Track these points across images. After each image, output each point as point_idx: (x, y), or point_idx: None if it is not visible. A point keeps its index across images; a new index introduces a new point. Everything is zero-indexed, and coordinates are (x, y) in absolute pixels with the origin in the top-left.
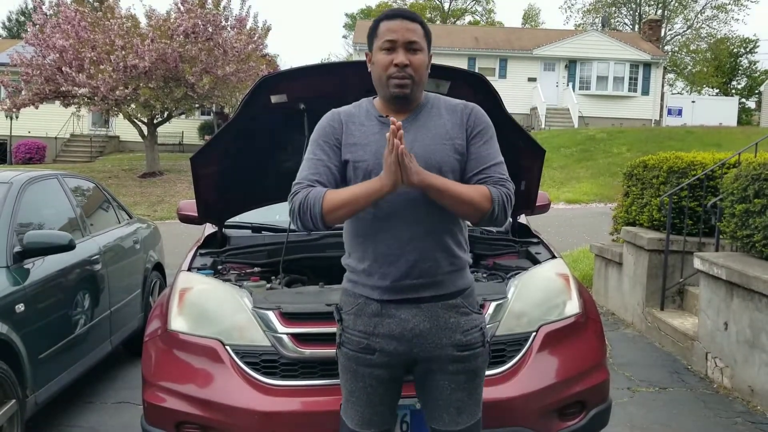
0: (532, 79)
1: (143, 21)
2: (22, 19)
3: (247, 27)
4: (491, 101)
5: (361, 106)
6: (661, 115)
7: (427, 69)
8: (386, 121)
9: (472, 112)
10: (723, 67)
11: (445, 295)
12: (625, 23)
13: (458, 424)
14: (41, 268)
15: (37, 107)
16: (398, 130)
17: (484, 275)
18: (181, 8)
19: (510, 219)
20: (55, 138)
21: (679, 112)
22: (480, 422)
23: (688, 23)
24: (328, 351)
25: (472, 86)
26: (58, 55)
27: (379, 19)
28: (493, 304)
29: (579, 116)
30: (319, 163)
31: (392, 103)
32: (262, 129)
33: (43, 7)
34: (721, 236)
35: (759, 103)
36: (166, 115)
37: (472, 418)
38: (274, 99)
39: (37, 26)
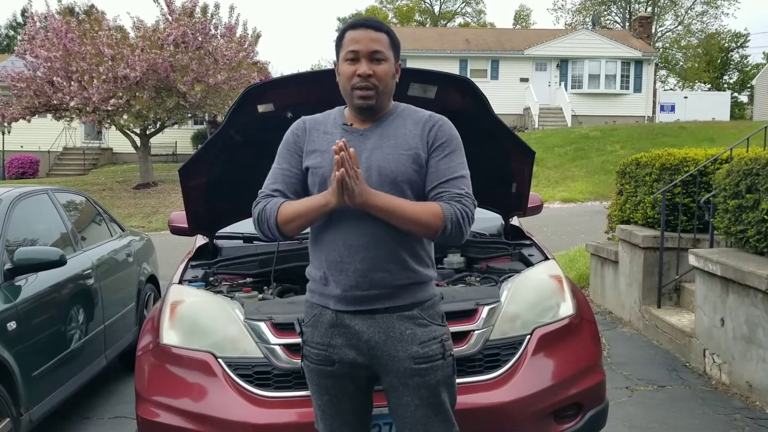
0: (524, 80)
1: (131, 33)
2: (12, 33)
3: (237, 35)
4: (479, 105)
5: (331, 114)
6: (654, 112)
7: (394, 78)
8: (350, 130)
9: (435, 125)
10: (714, 62)
11: (400, 307)
12: (615, 21)
13: None
14: (33, 284)
15: (29, 121)
16: (340, 151)
17: (477, 279)
18: (170, 18)
19: (503, 222)
20: (48, 152)
21: (672, 108)
22: None
23: (678, 19)
24: None
25: (460, 90)
26: (46, 67)
27: (345, 28)
28: (487, 308)
29: (572, 115)
30: (280, 172)
31: (358, 113)
32: (249, 138)
33: (36, 18)
34: (715, 232)
35: (751, 97)
36: (158, 125)
37: None
38: (260, 108)
39: (26, 40)
